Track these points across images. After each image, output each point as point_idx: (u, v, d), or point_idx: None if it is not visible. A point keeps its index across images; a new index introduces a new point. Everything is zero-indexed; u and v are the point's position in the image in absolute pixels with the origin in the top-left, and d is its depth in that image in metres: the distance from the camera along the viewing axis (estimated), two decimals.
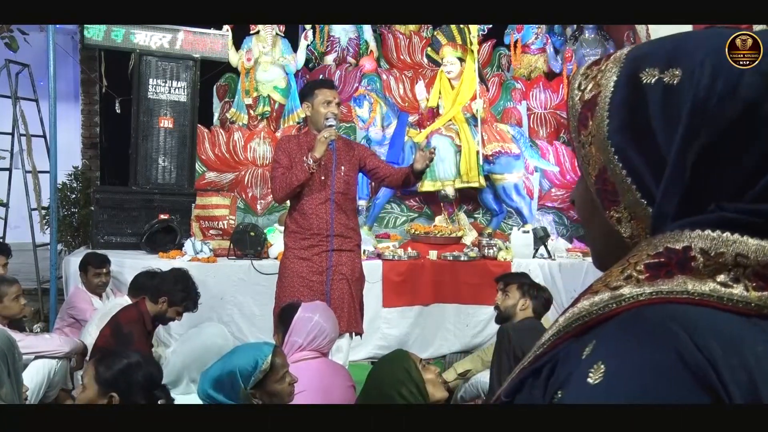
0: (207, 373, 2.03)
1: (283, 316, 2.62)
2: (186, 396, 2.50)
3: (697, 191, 0.61)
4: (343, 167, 3.26)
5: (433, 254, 4.86)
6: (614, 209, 0.66)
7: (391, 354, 2.24)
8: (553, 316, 3.98)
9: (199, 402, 2.46)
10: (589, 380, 0.55)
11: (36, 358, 3.07)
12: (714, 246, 0.59)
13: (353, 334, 3.38)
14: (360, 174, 3.48)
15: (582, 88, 0.70)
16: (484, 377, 3.30)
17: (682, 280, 0.59)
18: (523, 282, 3.13)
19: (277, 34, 5.68)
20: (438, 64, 5.81)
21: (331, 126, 3.17)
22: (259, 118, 5.69)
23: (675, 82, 0.62)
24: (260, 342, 2.26)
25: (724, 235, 0.59)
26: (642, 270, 0.61)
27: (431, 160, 3.25)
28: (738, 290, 0.58)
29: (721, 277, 0.58)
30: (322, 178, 3.22)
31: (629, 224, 0.65)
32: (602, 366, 0.56)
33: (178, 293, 3.24)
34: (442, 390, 2.09)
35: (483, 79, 5.83)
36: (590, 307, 0.61)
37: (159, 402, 2.03)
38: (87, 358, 3.12)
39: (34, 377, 3.00)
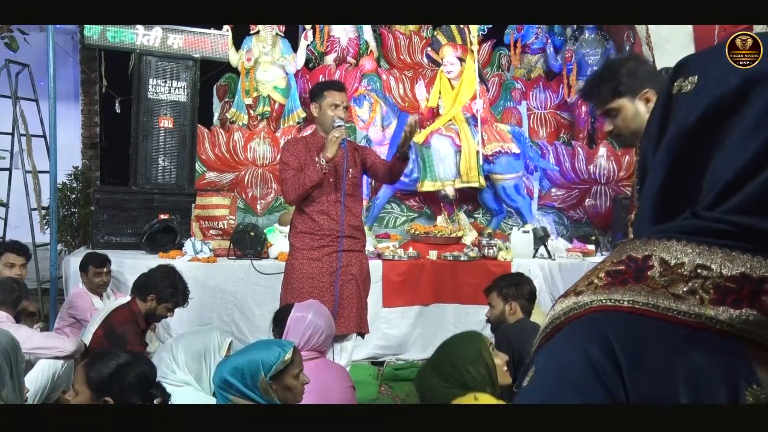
0: (227, 361, 2.09)
1: (278, 319, 2.62)
2: (182, 388, 2.51)
3: (674, 196, 0.61)
4: (351, 169, 3.26)
5: (433, 254, 4.86)
6: (633, 213, 0.68)
7: (465, 333, 2.32)
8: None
9: (193, 394, 2.47)
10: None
11: (39, 359, 3.07)
12: (675, 256, 0.59)
13: (358, 334, 3.38)
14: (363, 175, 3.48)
15: None
16: None
17: (634, 289, 0.59)
18: (501, 286, 3.04)
19: (277, 34, 5.68)
20: (438, 64, 5.81)
21: (340, 126, 3.16)
22: (259, 118, 5.69)
23: (689, 89, 0.62)
24: (277, 339, 2.32)
25: (690, 245, 0.58)
26: (602, 277, 0.62)
27: (411, 133, 3.13)
28: (688, 304, 0.56)
29: (675, 289, 0.57)
30: (331, 180, 3.21)
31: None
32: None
33: (166, 290, 3.22)
34: (508, 377, 2.14)
35: (483, 79, 5.83)
36: (560, 312, 0.62)
37: (155, 401, 2.01)
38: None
39: (38, 379, 2.99)
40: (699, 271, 0.57)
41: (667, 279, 0.58)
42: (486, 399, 2.02)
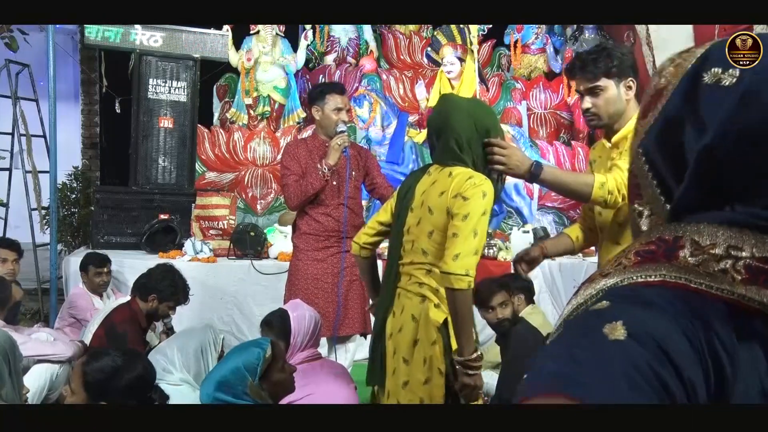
0: (209, 377, 2.00)
1: (271, 323, 2.63)
2: (180, 386, 2.51)
3: (717, 191, 0.60)
4: (353, 172, 3.26)
5: None
6: (638, 202, 0.67)
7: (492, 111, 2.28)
8: (553, 317, 3.98)
9: (190, 393, 2.47)
10: (606, 334, 0.54)
11: (38, 362, 3.07)
12: (707, 237, 0.58)
13: (361, 335, 3.38)
14: None
15: (663, 74, 0.67)
16: (485, 377, 3.30)
17: (664, 266, 0.59)
18: (512, 284, 3.06)
19: (277, 34, 5.69)
20: (438, 64, 5.81)
21: (343, 132, 3.16)
22: (259, 118, 5.69)
23: (732, 82, 0.60)
24: (251, 339, 2.27)
25: (722, 227, 0.58)
26: (631, 257, 0.62)
27: None
28: (719, 282, 0.56)
29: (707, 268, 0.57)
30: (334, 183, 3.21)
31: (648, 219, 0.66)
32: (621, 325, 0.54)
33: (167, 289, 3.22)
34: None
35: (483, 79, 5.83)
36: (587, 297, 0.61)
37: (155, 404, 2.00)
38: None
39: (37, 381, 2.98)
40: (731, 251, 0.57)
41: (699, 258, 0.58)
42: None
